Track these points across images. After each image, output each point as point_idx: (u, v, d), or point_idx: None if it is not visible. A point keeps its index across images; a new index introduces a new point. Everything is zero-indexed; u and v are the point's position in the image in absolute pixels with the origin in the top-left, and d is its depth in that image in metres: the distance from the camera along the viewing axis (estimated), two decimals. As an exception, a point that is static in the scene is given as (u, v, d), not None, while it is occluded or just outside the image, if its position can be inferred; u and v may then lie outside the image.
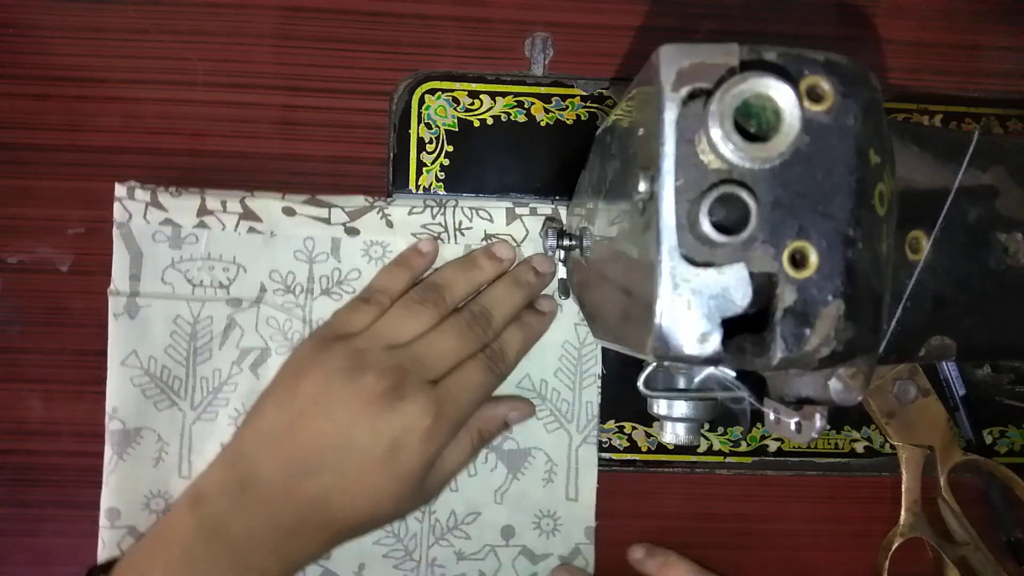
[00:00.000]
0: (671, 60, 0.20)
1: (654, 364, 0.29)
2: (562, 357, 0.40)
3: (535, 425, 0.40)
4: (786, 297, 0.20)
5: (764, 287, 0.20)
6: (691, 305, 0.20)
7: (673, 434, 0.32)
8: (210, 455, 0.36)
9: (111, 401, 0.37)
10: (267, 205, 0.38)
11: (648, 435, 0.41)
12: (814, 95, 0.20)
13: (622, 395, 0.41)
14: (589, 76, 0.41)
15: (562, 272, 0.39)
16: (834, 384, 0.22)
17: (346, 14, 0.40)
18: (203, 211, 0.38)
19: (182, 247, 0.38)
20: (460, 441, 0.36)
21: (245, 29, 0.39)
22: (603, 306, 0.28)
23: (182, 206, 0.38)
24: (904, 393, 0.41)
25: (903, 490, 0.40)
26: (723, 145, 0.17)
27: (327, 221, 0.38)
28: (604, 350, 0.40)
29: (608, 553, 0.40)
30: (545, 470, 0.40)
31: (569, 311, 0.40)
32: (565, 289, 0.39)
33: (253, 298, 0.38)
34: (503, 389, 0.39)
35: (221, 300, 0.38)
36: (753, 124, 0.19)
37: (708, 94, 0.19)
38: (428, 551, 0.39)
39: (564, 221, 0.39)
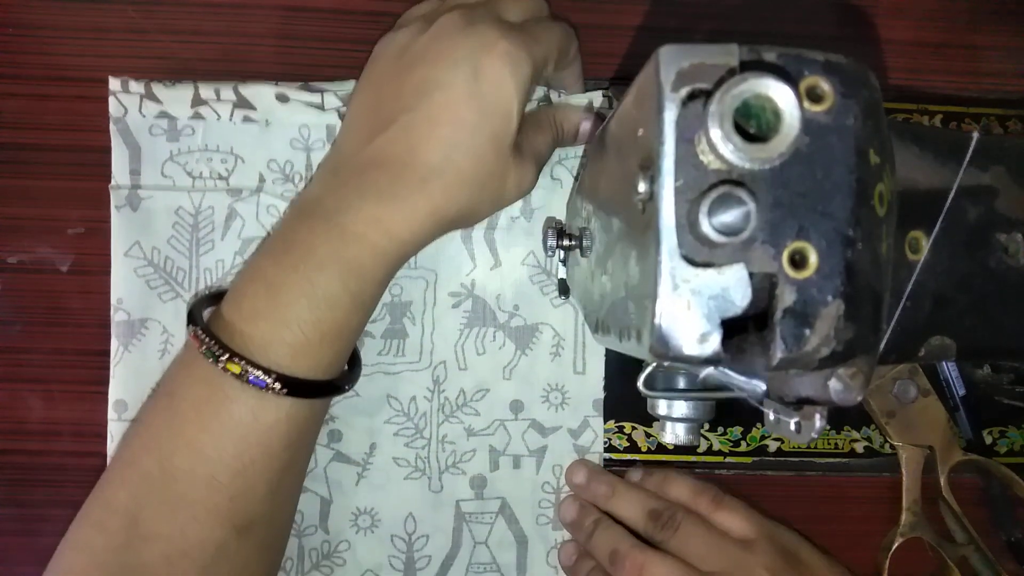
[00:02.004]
0: (671, 60, 0.20)
1: (654, 364, 0.29)
2: None
3: (542, 300, 0.40)
4: (786, 297, 0.20)
5: (764, 287, 0.20)
6: (691, 305, 0.20)
7: (673, 434, 0.32)
8: None
9: (115, 292, 0.38)
10: (260, 92, 0.38)
11: (648, 435, 0.41)
12: (814, 95, 0.20)
13: (622, 395, 0.41)
14: (589, 76, 0.41)
15: (562, 272, 0.39)
16: (834, 384, 0.22)
17: (346, 14, 0.40)
18: (197, 101, 0.38)
19: (179, 139, 0.38)
20: (543, 126, 0.36)
21: (245, 29, 0.40)
22: (603, 306, 0.28)
23: (176, 97, 0.38)
24: (904, 393, 0.41)
25: (903, 490, 0.40)
26: (723, 145, 0.17)
27: (320, 107, 0.38)
28: (604, 350, 0.40)
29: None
30: (552, 345, 0.40)
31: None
32: (565, 288, 0.39)
33: (253, 188, 0.38)
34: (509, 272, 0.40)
35: (221, 191, 0.38)
36: (753, 124, 0.19)
37: (708, 94, 0.19)
38: (438, 429, 0.40)
39: (564, 220, 0.40)
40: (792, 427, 0.23)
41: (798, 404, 0.23)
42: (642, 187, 0.21)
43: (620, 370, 0.41)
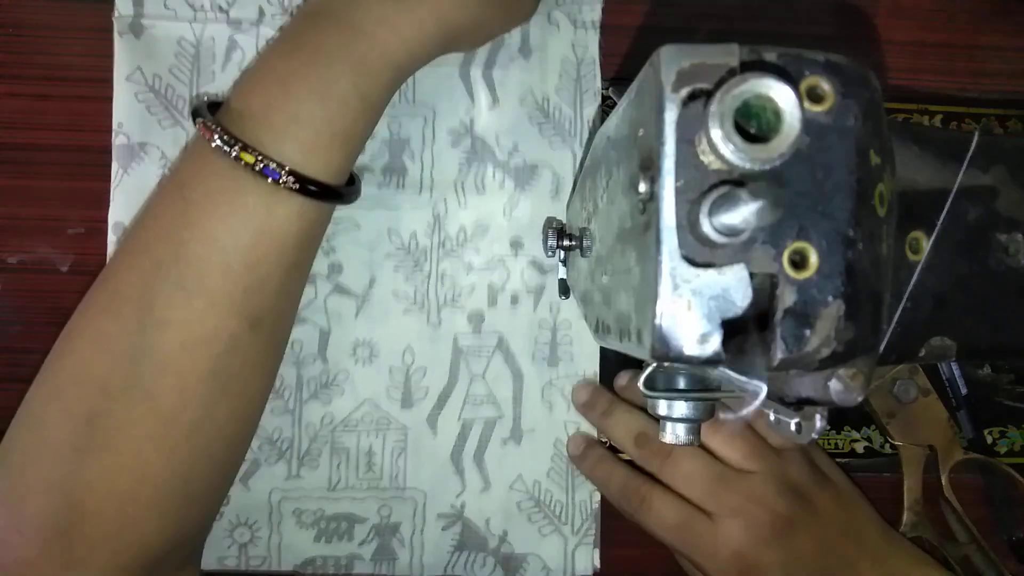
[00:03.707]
0: (671, 60, 0.20)
1: (654, 364, 0.29)
2: None
3: (540, 141, 0.41)
4: (786, 298, 0.20)
5: (764, 288, 0.20)
6: (691, 306, 0.20)
7: (673, 434, 0.32)
8: None
9: (116, 117, 0.38)
10: None
11: (648, 435, 0.41)
12: (814, 95, 0.20)
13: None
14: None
15: (562, 272, 0.39)
16: (834, 385, 0.22)
17: (346, 14, 0.40)
18: None
19: None
20: None
21: (245, 29, 0.39)
22: (603, 306, 0.28)
23: None
24: (904, 393, 0.41)
25: (904, 490, 0.40)
26: (723, 146, 0.17)
27: None
28: (603, 349, 0.40)
29: (613, 553, 0.40)
30: (552, 185, 0.40)
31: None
32: (565, 289, 0.39)
33: (253, 20, 0.39)
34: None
35: (222, 22, 0.39)
36: (753, 125, 0.19)
37: (708, 95, 0.19)
38: (437, 264, 0.40)
39: (564, 220, 0.40)
40: (792, 427, 0.23)
41: (798, 404, 0.23)
42: (642, 187, 0.21)
43: (620, 370, 0.40)
